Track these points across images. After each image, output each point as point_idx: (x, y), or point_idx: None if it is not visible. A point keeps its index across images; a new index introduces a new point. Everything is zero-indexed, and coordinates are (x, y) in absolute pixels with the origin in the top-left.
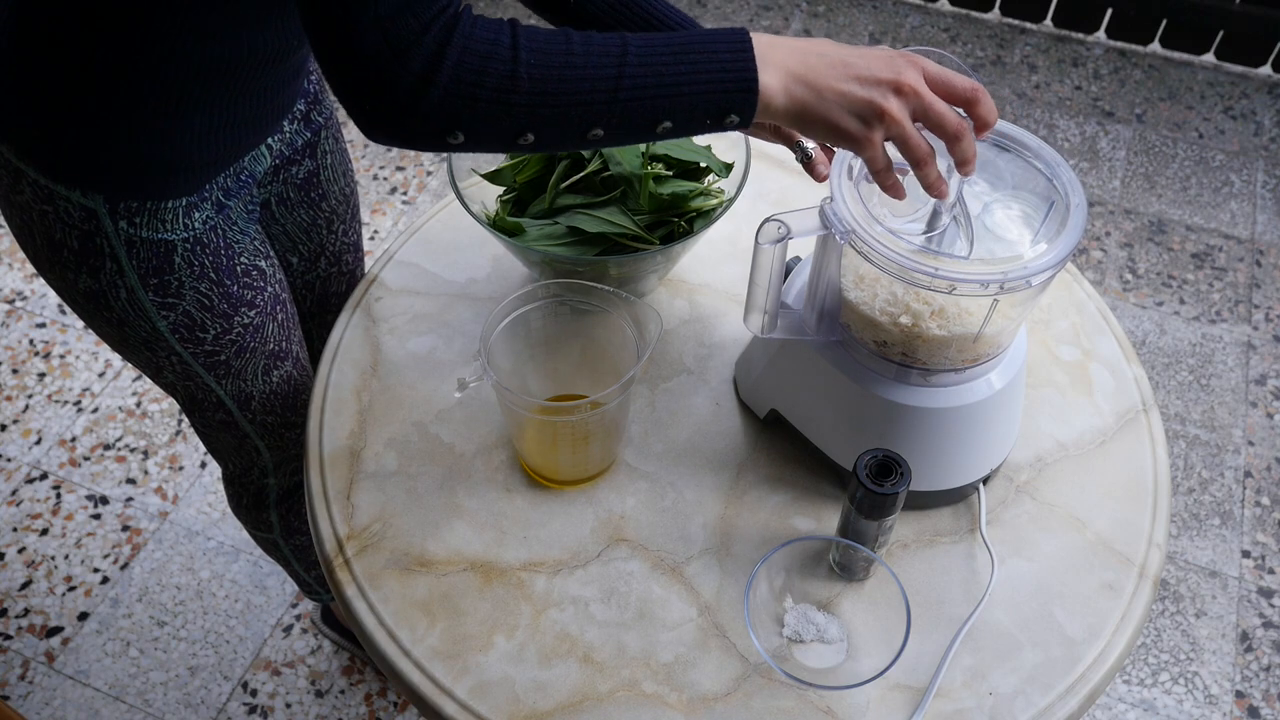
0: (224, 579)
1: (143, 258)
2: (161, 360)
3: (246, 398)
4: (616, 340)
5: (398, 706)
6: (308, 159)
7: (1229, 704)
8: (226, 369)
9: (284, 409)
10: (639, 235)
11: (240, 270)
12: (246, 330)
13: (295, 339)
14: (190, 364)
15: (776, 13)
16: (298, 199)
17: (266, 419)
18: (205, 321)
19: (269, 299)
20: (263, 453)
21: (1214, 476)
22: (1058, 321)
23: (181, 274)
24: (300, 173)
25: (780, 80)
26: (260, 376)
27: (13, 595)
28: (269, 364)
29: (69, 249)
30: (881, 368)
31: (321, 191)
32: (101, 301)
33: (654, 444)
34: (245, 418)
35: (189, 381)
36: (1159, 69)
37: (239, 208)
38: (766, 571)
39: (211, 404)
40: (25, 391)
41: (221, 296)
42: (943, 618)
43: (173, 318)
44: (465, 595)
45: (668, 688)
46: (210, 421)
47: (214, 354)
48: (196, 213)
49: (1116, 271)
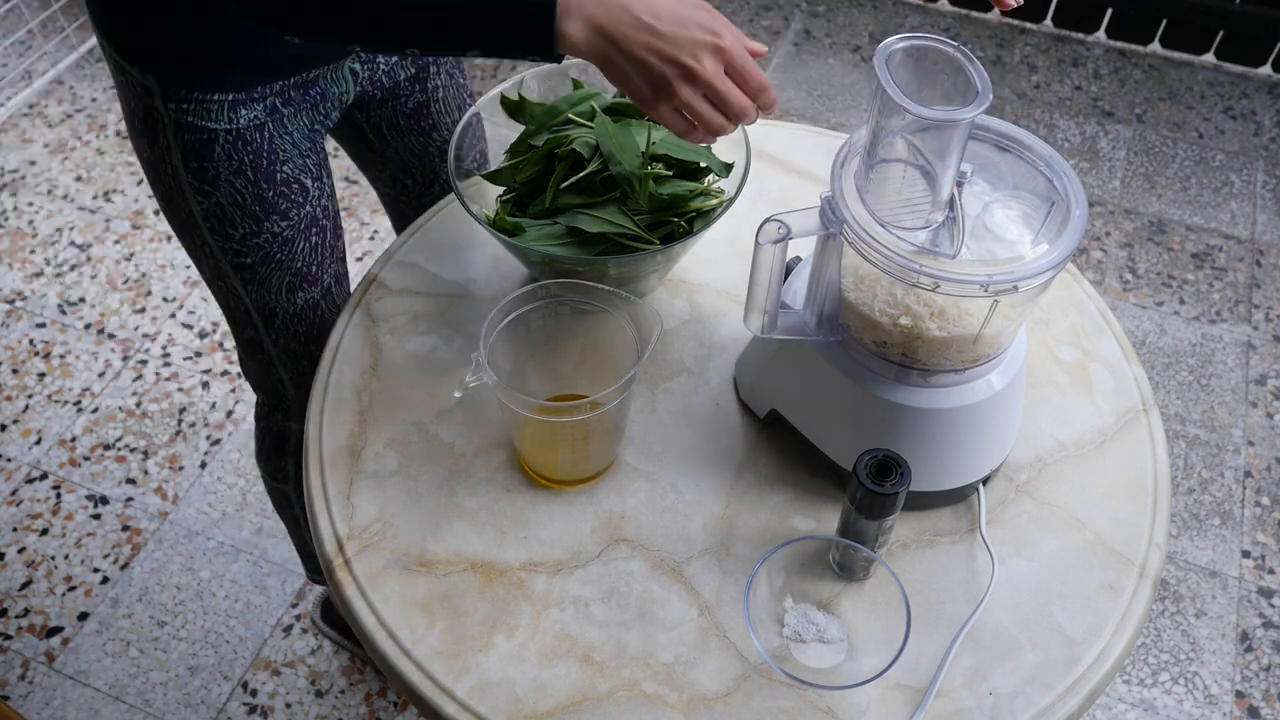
0: (224, 579)
1: (187, 141)
2: (199, 250)
3: (270, 313)
4: (616, 340)
5: (398, 706)
6: (417, 91)
7: (1229, 704)
8: (252, 274)
9: (307, 337)
10: (639, 235)
11: (280, 178)
12: (275, 240)
13: (330, 270)
14: (220, 260)
15: (776, 12)
16: (408, 126)
17: (290, 344)
18: (235, 218)
19: (304, 217)
20: (288, 388)
21: (1214, 476)
22: (1058, 321)
23: (220, 165)
24: (409, 103)
25: (583, 31)
26: (284, 293)
27: (13, 595)
28: (294, 282)
29: (137, 118)
30: (881, 368)
31: (433, 122)
32: (155, 173)
33: (654, 444)
34: (270, 338)
35: (221, 282)
36: (1159, 69)
37: (299, 121)
38: (766, 571)
39: (241, 315)
40: (25, 391)
41: (255, 198)
42: (943, 618)
43: (206, 205)
44: (465, 595)
45: (668, 688)
46: (242, 339)
47: (240, 254)
48: (244, 110)
49: (1116, 271)
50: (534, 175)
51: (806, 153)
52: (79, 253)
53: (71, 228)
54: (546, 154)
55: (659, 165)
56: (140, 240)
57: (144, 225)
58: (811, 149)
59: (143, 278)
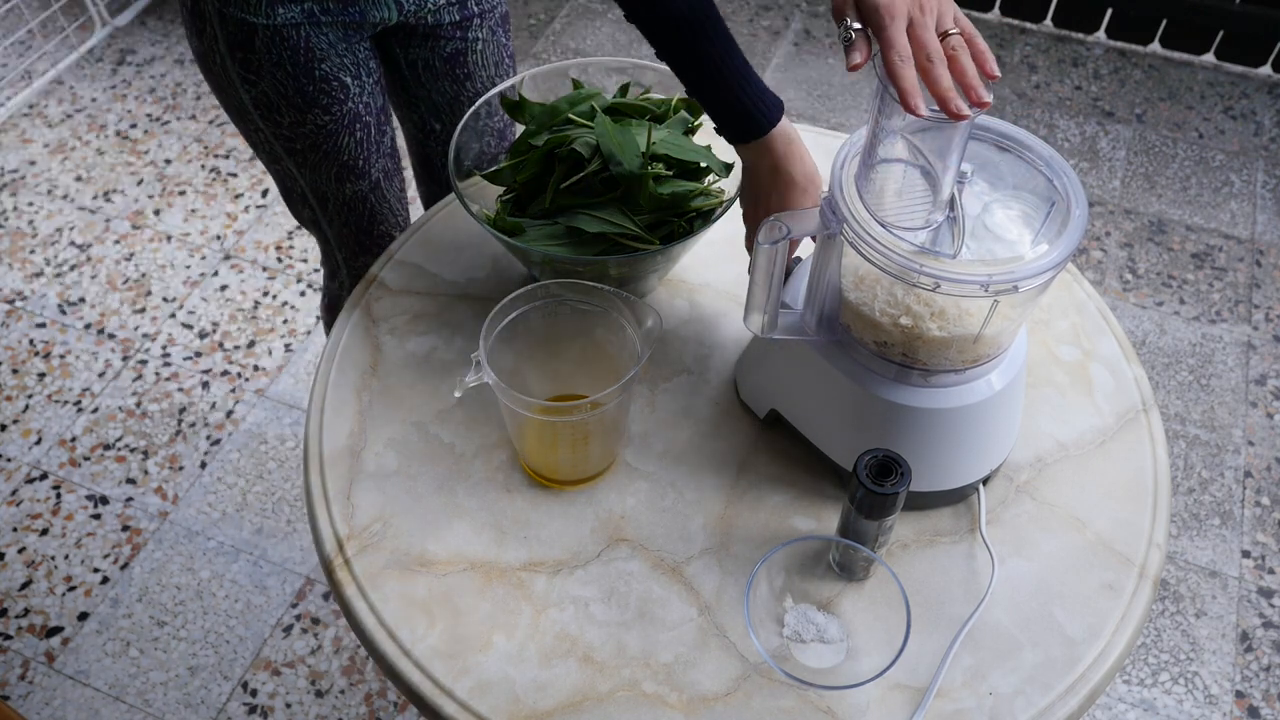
0: (224, 579)
1: (230, 31)
2: (253, 134)
3: (323, 196)
4: (616, 340)
5: (398, 706)
6: (457, 37)
7: (1229, 704)
8: (304, 159)
9: (357, 228)
10: (639, 235)
11: (319, 75)
12: (319, 131)
13: (378, 165)
14: (273, 143)
15: (776, 12)
16: (443, 70)
17: (343, 230)
18: (281, 106)
19: (347, 113)
20: (341, 266)
21: (1214, 476)
22: (1058, 321)
23: (261, 56)
24: (448, 47)
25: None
26: (334, 181)
27: (13, 595)
28: (342, 173)
29: (185, 8)
30: (882, 368)
31: (467, 71)
32: (206, 64)
33: (654, 444)
34: (325, 218)
35: (277, 165)
36: (1159, 69)
37: (336, 28)
38: (766, 571)
39: (299, 194)
40: (25, 391)
41: (296, 91)
42: (943, 618)
43: (254, 94)
44: (465, 595)
45: (668, 688)
46: (302, 215)
47: (291, 140)
48: (281, 8)
49: (1116, 271)
50: (534, 175)
51: None
52: (79, 253)
53: (71, 228)
54: (546, 154)
55: (659, 165)
56: (140, 240)
57: (144, 225)
58: (811, 149)
59: (143, 278)
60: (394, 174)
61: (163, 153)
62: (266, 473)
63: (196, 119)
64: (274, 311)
